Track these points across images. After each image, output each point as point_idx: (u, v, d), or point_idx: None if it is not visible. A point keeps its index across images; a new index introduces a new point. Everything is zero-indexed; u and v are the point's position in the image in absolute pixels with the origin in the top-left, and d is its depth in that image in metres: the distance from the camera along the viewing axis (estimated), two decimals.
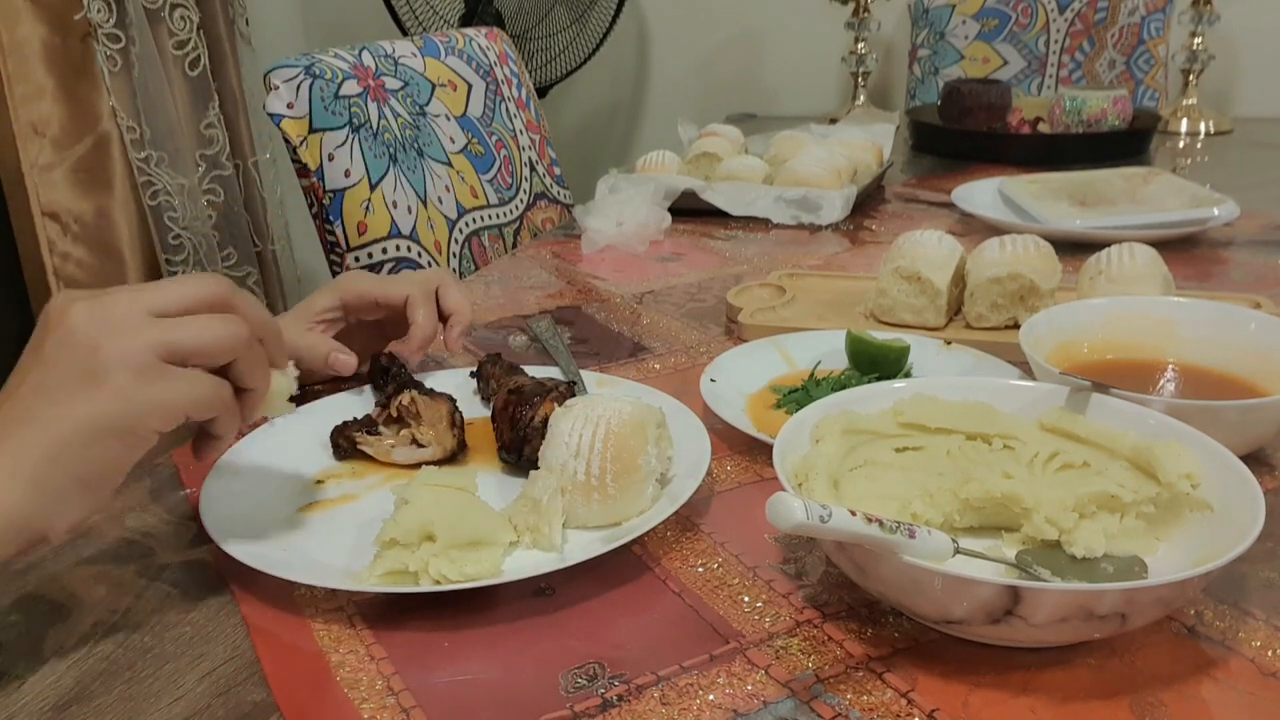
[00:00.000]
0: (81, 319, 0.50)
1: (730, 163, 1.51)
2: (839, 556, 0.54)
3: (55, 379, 0.50)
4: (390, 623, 0.56)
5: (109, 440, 0.50)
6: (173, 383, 0.51)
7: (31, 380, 0.51)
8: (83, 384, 0.50)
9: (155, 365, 0.51)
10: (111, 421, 0.50)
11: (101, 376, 0.50)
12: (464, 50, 1.58)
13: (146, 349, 0.51)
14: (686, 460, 0.66)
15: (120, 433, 0.51)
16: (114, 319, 0.51)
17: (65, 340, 0.50)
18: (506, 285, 1.17)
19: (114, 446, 0.51)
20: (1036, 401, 0.66)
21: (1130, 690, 0.49)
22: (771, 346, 0.88)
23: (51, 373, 0.50)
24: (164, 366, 0.51)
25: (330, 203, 1.25)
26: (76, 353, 0.50)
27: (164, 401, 0.51)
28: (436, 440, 0.71)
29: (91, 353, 0.50)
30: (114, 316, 0.51)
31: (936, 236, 0.96)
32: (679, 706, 0.49)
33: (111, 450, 0.51)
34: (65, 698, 0.51)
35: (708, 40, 2.61)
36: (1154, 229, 1.20)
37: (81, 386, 0.50)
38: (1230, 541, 0.49)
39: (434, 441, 0.70)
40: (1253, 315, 0.78)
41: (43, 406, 0.50)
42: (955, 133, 1.84)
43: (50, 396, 0.50)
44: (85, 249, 1.91)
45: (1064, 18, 2.13)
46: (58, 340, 0.51)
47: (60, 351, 0.50)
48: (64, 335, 0.50)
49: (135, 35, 1.90)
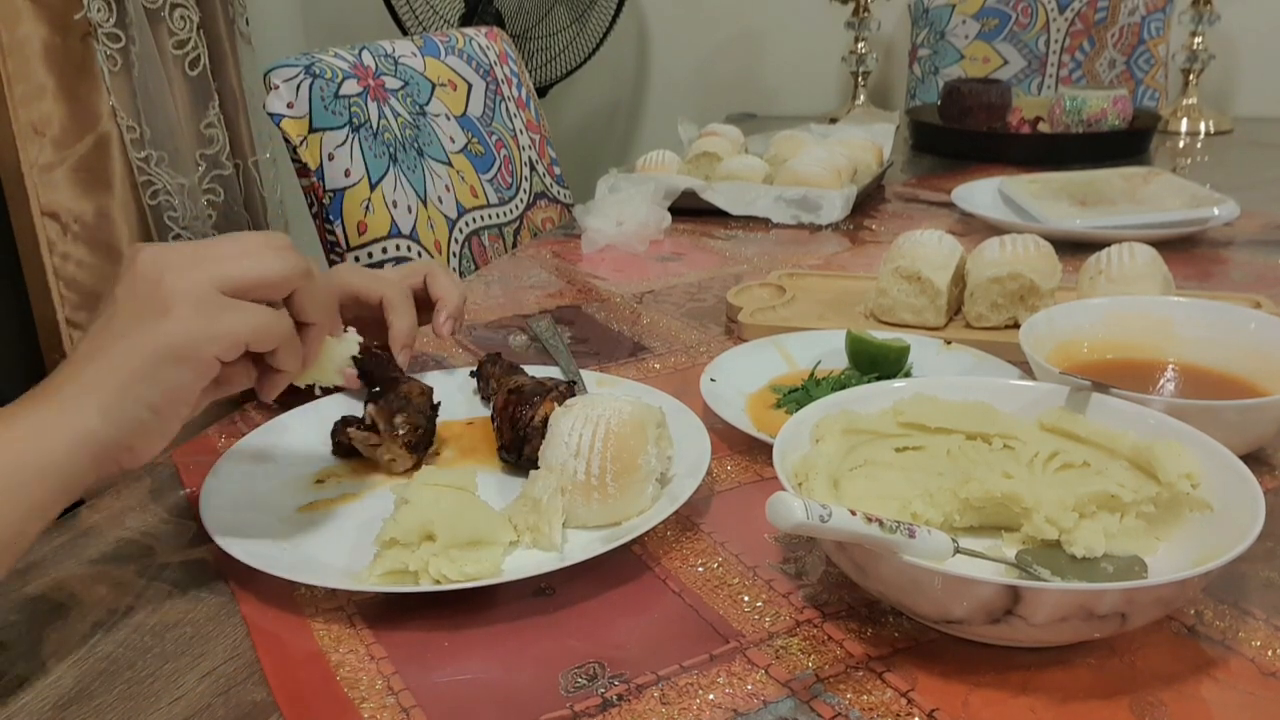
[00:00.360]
0: (146, 261, 0.55)
1: (730, 162, 1.51)
2: (839, 556, 0.54)
3: (122, 315, 0.54)
4: (390, 622, 0.56)
5: (174, 366, 0.54)
6: (232, 313, 0.55)
7: (102, 320, 0.55)
8: (147, 316, 0.53)
9: (215, 296, 0.54)
10: (174, 348, 0.53)
11: (164, 308, 0.53)
12: (464, 50, 1.58)
13: (206, 281, 0.54)
14: (686, 460, 0.66)
15: (184, 359, 0.54)
16: (176, 259, 0.55)
17: (132, 281, 0.54)
18: (506, 285, 1.17)
19: (179, 372, 0.54)
20: (1036, 401, 0.66)
21: (1130, 690, 0.49)
22: (771, 346, 0.88)
23: (119, 310, 0.54)
24: (223, 298, 0.55)
25: (330, 202, 1.25)
26: (142, 288, 0.54)
27: (224, 329, 0.54)
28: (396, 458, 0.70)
29: (154, 287, 0.54)
30: (176, 257, 0.55)
31: (936, 236, 0.96)
32: (679, 706, 0.49)
33: (177, 376, 0.54)
34: (65, 698, 0.51)
35: (708, 40, 2.61)
36: (1154, 229, 1.20)
37: (146, 318, 0.53)
38: (1230, 541, 0.49)
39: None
40: (1253, 315, 0.78)
41: (112, 341, 0.53)
42: (955, 132, 1.84)
43: (119, 330, 0.54)
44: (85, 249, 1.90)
45: (1064, 17, 2.13)
46: (126, 283, 0.54)
47: (127, 291, 0.54)
48: (130, 277, 0.54)
49: (135, 35, 1.90)
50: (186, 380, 0.54)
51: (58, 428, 0.52)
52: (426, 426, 0.71)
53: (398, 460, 0.70)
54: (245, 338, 0.55)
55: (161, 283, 0.54)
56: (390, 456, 0.69)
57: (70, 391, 0.53)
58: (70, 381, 0.53)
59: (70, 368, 0.54)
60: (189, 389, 0.55)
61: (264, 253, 0.57)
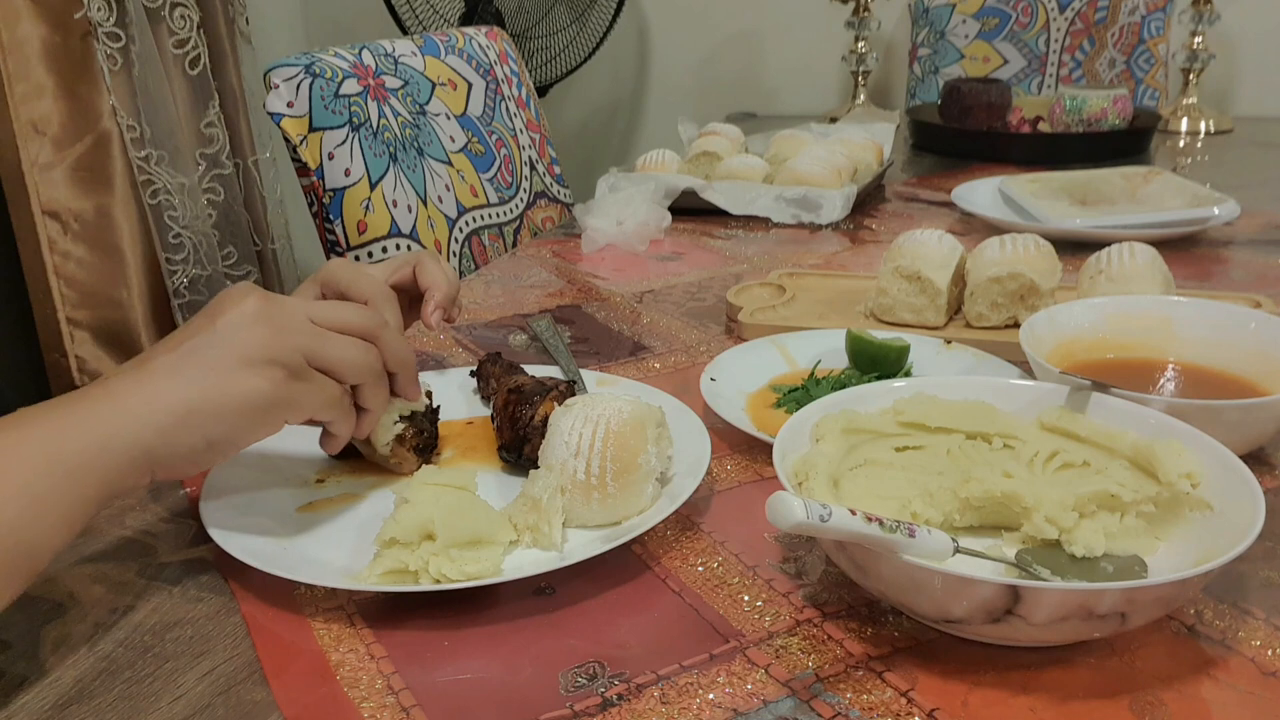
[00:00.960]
0: (256, 309, 0.58)
1: (730, 162, 1.51)
2: (839, 556, 0.54)
3: (217, 351, 0.56)
4: (390, 622, 0.56)
5: (248, 418, 0.57)
6: (312, 386, 0.59)
7: (195, 344, 0.56)
8: (241, 364, 0.56)
9: (303, 367, 0.58)
10: (256, 403, 0.56)
11: (260, 364, 0.56)
12: (464, 49, 1.58)
13: (298, 351, 0.58)
14: (686, 459, 0.66)
15: (259, 414, 0.57)
16: (282, 319, 0.58)
17: (238, 322, 0.57)
18: (506, 284, 1.17)
19: (248, 424, 0.57)
20: (1036, 401, 0.66)
21: (1130, 689, 0.49)
22: (771, 345, 0.88)
23: (215, 343, 0.56)
24: (309, 370, 0.59)
25: (330, 201, 1.25)
26: (243, 335, 0.57)
27: (301, 400, 0.59)
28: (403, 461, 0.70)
29: (257, 342, 0.57)
30: (283, 317, 0.58)
31: (937, 236, 0.96)
32: (679, 705, 0.49)
33: (243, 426, 0.57)
34: (65, 697, 0.51)
35: (708, 39, 2.61)
36: (1154, 228, 1.20)
37: (240, 366, 0.56)
38: (1230, 541, 0.49)
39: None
40: (1253, 315, 0.78)
41: (197, 368, 0.55)
42: (955, 132, 1.84)
43: (208, 363, 0.56)
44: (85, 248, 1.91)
45: (1064, 17, 2.13)
46: (231, 321, 0.57)
47: (231, 330, 0.57)
48: (237, 318, 0.57)
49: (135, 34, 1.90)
50: (249, 432, 0.58)
51: (117, 431, 0.53)
52: (430, 430, 0.71)
53: (404, 463, 0.70)
54: (313, 410, 0.60)
55: (265, 342, 0.57)
56: (396, 460, 0.69)
57: (138, 399, 0.54)
58: (141, 388, 0.55)
59: (149, 373, 0.55)
60: (247, 440, 0.58)
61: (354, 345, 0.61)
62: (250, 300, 0.58)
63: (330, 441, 0.65)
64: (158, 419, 0.54)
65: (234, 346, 0.56)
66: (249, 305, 0.58)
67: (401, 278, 0.76)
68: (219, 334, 0.56)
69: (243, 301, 0.58)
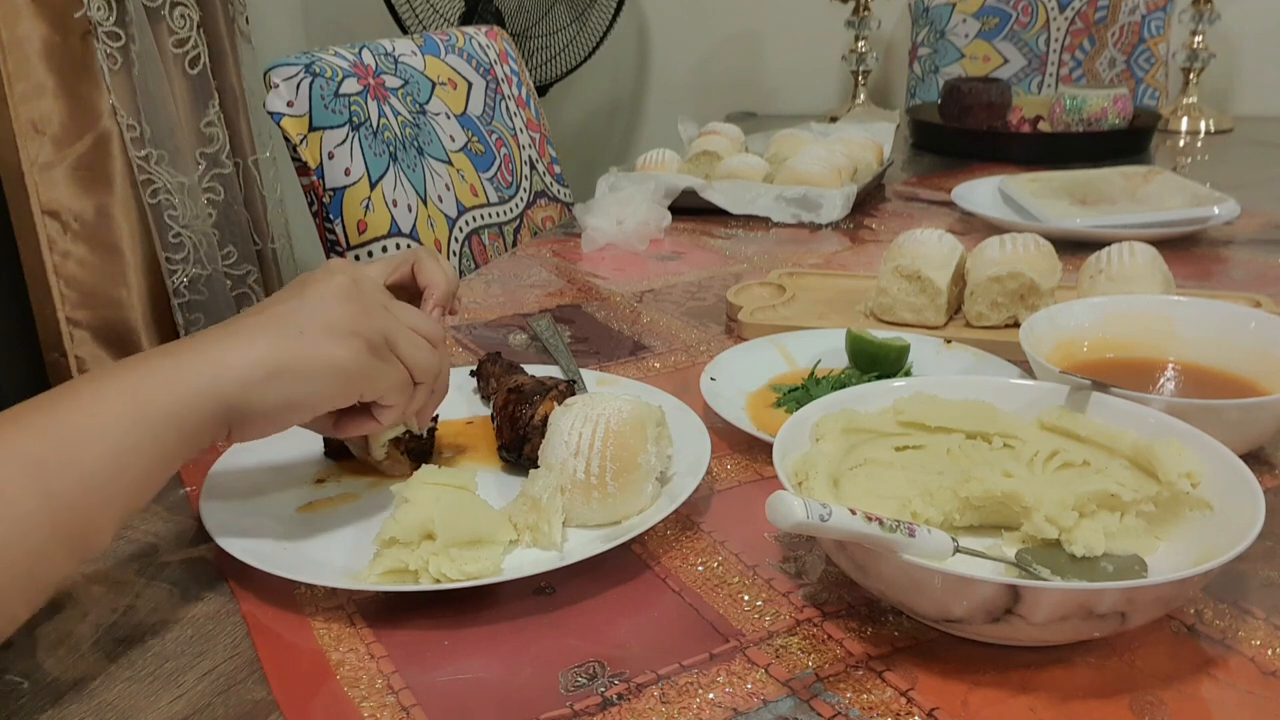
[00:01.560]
0: (345, 285, 0.59)
1: (730, 161, 1.51)
2: (839, 555, 0.54)
3: (305, 317, 0.57)
4: (390, 621, 0.56)
5: (330, 382, 0.58)
6: (389, 366, 0.60)
7: (284, 309, 0.58)
8: (328, 331, 0.57)
9: (383, 347, 0.60)
10: (340, 369, 0.57)
11: (346, 334, 0.58)
12: (464, 49, 1.58)
13: (381, 331, 0.60)
14: (686, 459, 0.66)
15: (341, 381, 0.58)
16: (369, 299, 0.60)
17: (327, 294, 0.59)
18: (506, 284, 1.17)
19: (328, 389, 0.58)
20: (1036, 400, 0.66)
21: (1130, 689, 0.49)
22: (771, 345, 0.88)
23: (304, 310, 0.58)
24: (388, 350, 0.60)
25: (330, 201, 1.25)
26: (332, 306, 0.58)
27: (378, 377, 0.60)
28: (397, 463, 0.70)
29: (346, 314, 0.58)
30: (369, 297, 0.60)
31: (937, 235, 0.96)
32: (679, 705, 0.49)
33: (324, 391, 0.58)
34: (65, 697, 0.51)
35: (708, 38, 2.61)
36: (1154, 228, 1.20)
37: (327, 332, 0.57)
38: (1230, 540, 0.49)
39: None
40: (1253, 314, 0.78)
41: (285, 330, 0.57)
42: (955, 131, 1.84)
43: (296, 326, 0.57)
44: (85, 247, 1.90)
45: (1064, 16, 2.12)
46: (320, 292, 0.59)
47: (319, 300, 0.58)
48: (327, 290, 0.59)
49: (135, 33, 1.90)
50: (327, 400, 0.58)
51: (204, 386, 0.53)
52: (427, 437, 0.71)
53: (397, 466, 0.69)
54: (383, 389, 0.61)
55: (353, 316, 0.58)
56: (390, 462, 0.69)
57: (227, 354, 0.55)
58: (229, 343, 0.55)
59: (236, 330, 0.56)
60: (328, 405, 0.59)
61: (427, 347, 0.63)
62: (341, 276, 0.60)
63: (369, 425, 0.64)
64: (245, 373, 0.54)
65: (322, 314, 0.58)
66: (339, 280, 0.59)
67: (400, 276, 0.76)
68: (307, 302, 0.58)
69: (333, 277, 0.59)
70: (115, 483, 0.50)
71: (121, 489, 0.51)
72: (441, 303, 0.75)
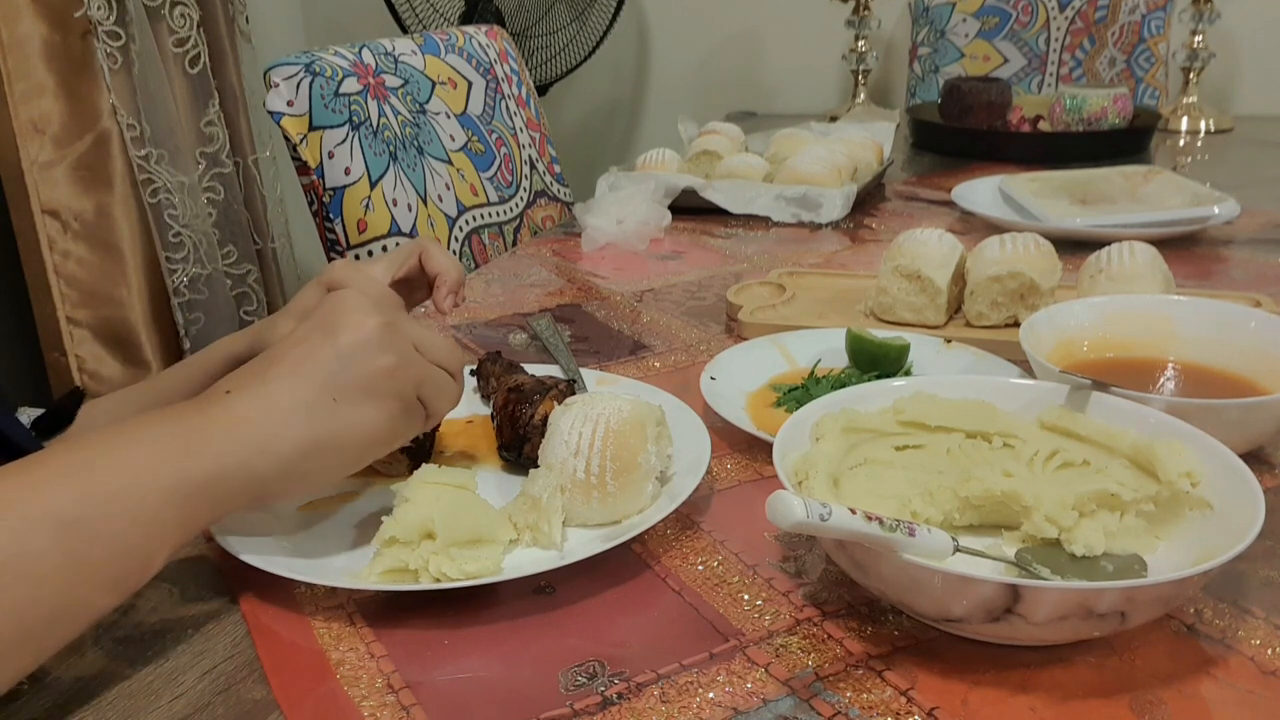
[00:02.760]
0: (379, 334, 0.56)
1: (730, 160, 1.51)
2: (839, 555, 0.54)
3: (343, 380, 0.55)
4: (390, 620, 0.56)
5: (363, 452, 0.57)
6: (414, 419, 0.59)
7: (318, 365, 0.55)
8: (365, 395, 0.56)
9: (414, 402, 0.58)
10: (375, 439, 0.57)
11: (382, 397, 0.56)
12: (464, 48, 1.57)
13: (413, 385, 0.58)
14: (686, 458, 0.66)
15: (374, 449, 0.58)
16: (402, 347, 0.57)
17: (363, 349, 0.56)
18: (506, 283, 1.17)
19: (360, 459, 0.58)
20: (1036, 400, 0.66)
21: (1130, 688, 0.49)
22: (771, 345, 0.88)
23: (341, 370, 0.55)
24: (416, 403, 0.59)
25: (330, 200, 1.25)
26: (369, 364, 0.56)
27: (406, 434, 0.59)
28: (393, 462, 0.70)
29: (383, 373, 0.56)
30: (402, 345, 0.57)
31: (937, 235, 0.96)
32: (679, 704, 0.49)
33: (356, 461, 0.57)
34: (65, 696, 0.51)
35: (708, 38, 2.61)
36: (1154, 227, 1.20)
37: (363, 397, 0.56)
38: (1230, 540, 0.49)
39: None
40: (1253, 314, 0.78)
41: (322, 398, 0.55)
42: (955, 131, 1.84)
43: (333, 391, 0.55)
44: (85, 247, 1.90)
45: (1064, 16, 2.12)
46: (355, 345, 0.56)
47: (356, 356, 0.56)
48: (362, 342, 0.56)
49: (135, 33, 1.90)
50: (360, 466, 0.58)
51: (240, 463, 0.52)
52: (428, 436, 0.71)
53: (394, 465, 0.69)
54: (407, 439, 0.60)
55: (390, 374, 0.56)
56: (388, 461, 0.69)
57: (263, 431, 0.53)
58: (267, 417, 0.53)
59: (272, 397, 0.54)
60: (353, 471, 0.58)
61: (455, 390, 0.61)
62: (372, 323, 0.56)
63: None
64: (281, 451, 0.53)
65: (359, 375, 0.55)
66: (372, 329, 0.56)
67: (409, 269, 0.78)
68: (344, 359, 0.55)
69: (364, 322, 0.56)
70: (139, 551, 0.49)
71: (143, 557, 0.50)
72: (454, 289, 0.78)
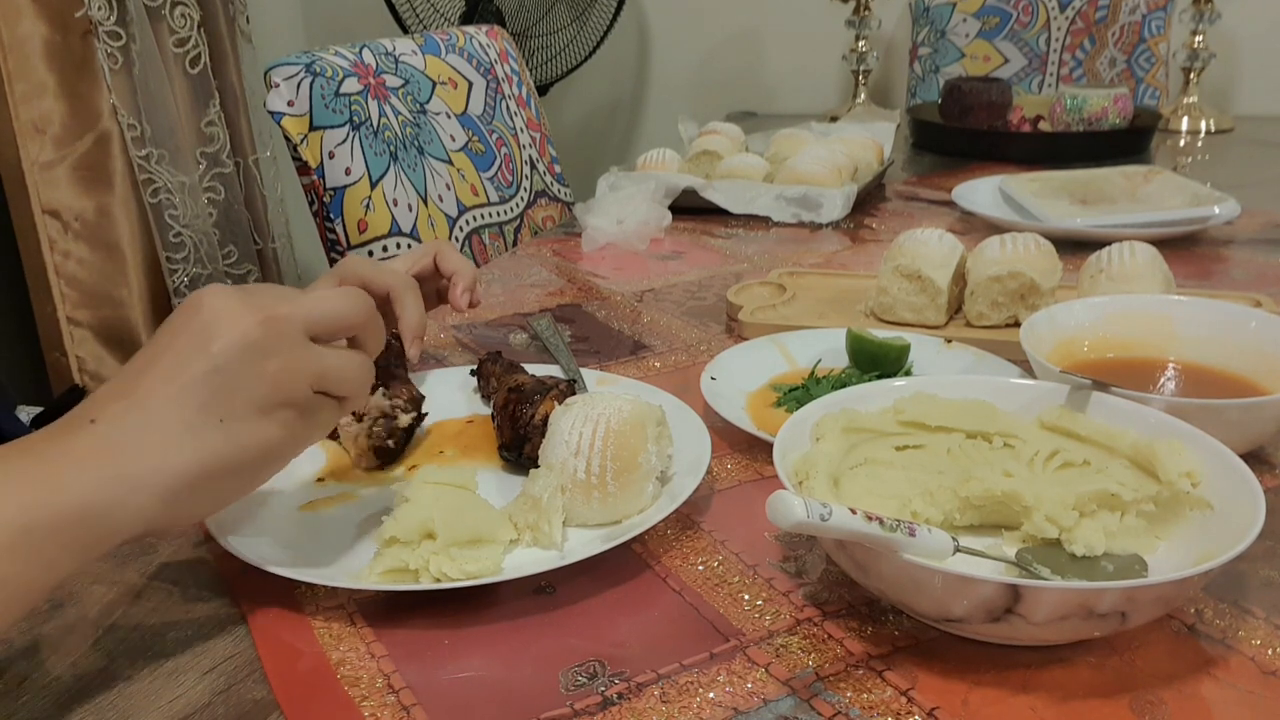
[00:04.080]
0: (258, 336, 0.50)
1: (731, 161, 1.51)
2: (839, 555, 0.54)
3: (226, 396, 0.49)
4: (391, 620, 0.56)
5: (261, 470, 0.53)
6: (318, 418, 0.54)
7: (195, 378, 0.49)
8: (254, 412, 0.50)
9: (311, 401, 0.53)
10: (271, 454, 0.52)
11: (274, 409, 0.51)
12: (464, 48, 1.58)
13: (307, 384, 0.52)
14: (686, 458, 0.66)
15: (273, 464, 0.53)
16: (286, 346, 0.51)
17: (242, 355, 0.50)
18: (507, 283, 1.17)
19: (259, 477, 0.54)
20: (1037, 400, 0.66)
21: (1130, 688, 0.49)
22: (772, 345, 0.88)
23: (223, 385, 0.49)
24: (315, 400, 0.53)
25: (331, 200, 1.25)
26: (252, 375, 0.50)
27: (310, 437, 0.54)
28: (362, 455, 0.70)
29: (269, 382, 0.50)
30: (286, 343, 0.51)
31: (937, 235, 0.96)
32: (679, 704, 0.49)
33: (255, 480, 0.54)
34: (65, 696, 0.51)
35: (708, 38, 2.61)
36: (1154, 227, 1.20)
37: (252, 414, 0.50)
38: (1230, 540, 0.49)
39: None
40: (1253, 314, 0.78)
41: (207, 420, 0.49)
42: (956, 131, 1.84)
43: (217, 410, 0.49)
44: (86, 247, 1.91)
45: (1065, 16, 2.12)
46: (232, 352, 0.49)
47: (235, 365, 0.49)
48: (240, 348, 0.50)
49: (136, 33, 1.90)
50: (261, 483, 0.54)
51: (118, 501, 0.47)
52: (398, 440, 0.71)
53: (363, 458, 0.70)
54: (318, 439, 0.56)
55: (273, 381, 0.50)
56: (356, 452, 0.69)
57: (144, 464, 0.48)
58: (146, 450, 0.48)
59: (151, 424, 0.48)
60: (257, 487, 0.55)
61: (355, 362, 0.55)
62: (247, 322, 0.50)
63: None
64: (162, 484, 0.48)
65: (244, 390, 0.50)
66: (248, 330, 0.50)
67: (423, 268, 0.79)
68: (222, 371, 0.49)
69: (238, 323, 0.50)
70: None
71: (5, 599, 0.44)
72: (470, 286, 0.79)
